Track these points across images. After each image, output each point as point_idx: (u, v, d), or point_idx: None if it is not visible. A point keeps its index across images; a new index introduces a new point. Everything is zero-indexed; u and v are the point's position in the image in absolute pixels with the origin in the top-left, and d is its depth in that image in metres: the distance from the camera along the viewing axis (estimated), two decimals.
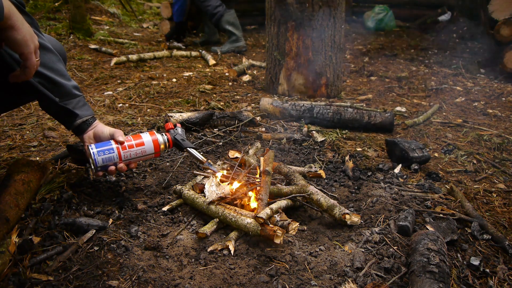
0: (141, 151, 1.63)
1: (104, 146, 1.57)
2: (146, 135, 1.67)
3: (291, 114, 2.80)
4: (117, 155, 1.58)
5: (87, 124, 1.64)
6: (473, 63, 4.91)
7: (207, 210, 1.56)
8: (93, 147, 1.55)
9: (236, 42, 5.48)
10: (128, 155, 1.60)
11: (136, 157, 1.63)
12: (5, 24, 1.17)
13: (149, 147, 1.65)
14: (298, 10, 3.24)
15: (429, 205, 1.74)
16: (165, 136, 1.71)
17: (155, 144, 1.66)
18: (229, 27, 5.39)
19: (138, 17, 8.36)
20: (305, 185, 1.65)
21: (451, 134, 2.73)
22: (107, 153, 1.55)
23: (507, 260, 1.44)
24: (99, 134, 1.63)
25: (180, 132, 1.76)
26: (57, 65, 1.58)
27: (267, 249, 1.38)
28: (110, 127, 1.65)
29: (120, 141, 1.59)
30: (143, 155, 1.65)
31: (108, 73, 4.01)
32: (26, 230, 1.41)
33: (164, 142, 1.69)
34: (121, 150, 1.58)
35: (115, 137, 1.59)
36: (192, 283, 1.22)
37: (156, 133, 1.68)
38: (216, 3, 5.37)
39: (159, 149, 1.68)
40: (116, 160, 1.58)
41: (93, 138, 1.65)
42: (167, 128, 1.79)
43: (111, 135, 1.61)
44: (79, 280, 1.22)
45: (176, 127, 1.77)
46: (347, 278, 1.26)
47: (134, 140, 1.63)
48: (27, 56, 1.26)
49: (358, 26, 7.81)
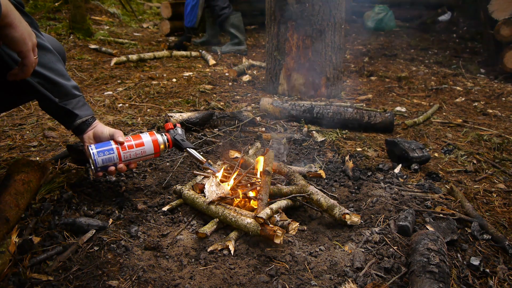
0: (141, 151, 1.63)
1: (104, 146, 1.57)
2: (146, 135, 1.66)
3: (291, 114, 2.80)
4: (117, 155, 1.58)
5: (87, 124, 1.64)
6: (473, 63, 4.91)
7: (207, 210, 1.56)
8: (93, 148, 1.55)
9: (238, 45, 5.44)
10: (128, 155, 1.60)
11: (136, 158, 1.63)
12: (3, 22, 1.17)
13: (149, 148, 1.65)
14: (298, 10, 3.24)
15: (429, 205, 1.74)
16: (165, 136, 1.71)
17: (155, 144, 1.66)
18: (233, 29, 5.35)
19: (138, 17, 8.36)
20: (305, 185, 1.65)
21: (451, 134, 2.73)
22: (107, 153, 1.55)
23: (507, 260, 1.44)
24: (98, 134, 1.63)
25: (180, 132, 1.76)
26: (57, 65, 1.58)
27: (267, 249, 1.38)
28: (110, 127, 1.65)
29: (120, 142, 1.59)
30: (143, 156, 1.65)
31: (108, 73, 4.01)
32: (26, 230, 1.41)
33: (164, 142, 1.70)
34: (121, 150, 1.58)
35: (115, 138, 1.59)
36: (192, 283, 1.22)
37: (155, 134, 1.68)
38: (223, 4, 5.32)
39: (159, 149, 1.68)
40: (116, 160, 1.58)
41: (93, 138, 1.65)
42: (166, 128, 1.79)
43: (111, 135, 1.61)
44: (79, 280, 1.22)
45: (176, 127, 1.78)
46: (347, 278, 1.26)
47: (134, 140, 1.63)
48: (25, 54, 1.26)
49: (358, 26, 7.81)
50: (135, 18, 8.19)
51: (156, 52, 4.98)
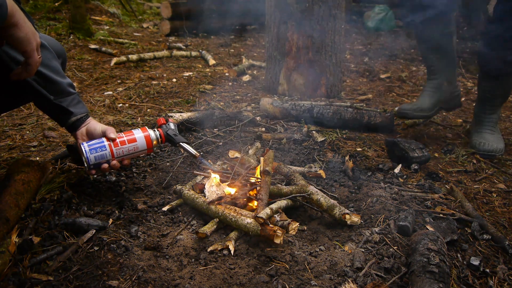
0: (134, 147, 1.63)
1: (96, 143, 1.56)
2: (138, 131, 1.66)
3: (291, 114, 2.80)
4: (110, 152, 1.57)
5: (81, 121, 1.65)
6: (473, 63, 4.91)
7: (207, 210, 1.56)
8: (85, 145, 1.55)
9: None
10: (121, 152, 1.60)
11: (128, 154, 1.63)
12: (9, 22, 1.17)
13: (141, 143, 1.64)
14: (298, 10, 3.24)
15: (429, 205, 1.74)
16: (157, 132, 1.70)
17: (147, 140, 1.65)
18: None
19: (138, 17, 8.36)
20: (305, 185, 1.65)
21: (451, 134, 2.73)
22: (99, 150, 1.55)
23: (507, 260, 1.44)
24: (91, 131, 1.64)
25: (173, 127, 1.75)
26: (52, 62, 1.58)
27: (267, 249, 1.38)
28: (103, 124, 1.65)
29: (111, 138, 1.58)
30: (135, 152, 1.64)
31: (108, 73, 4.01)
32: (26, 230, 1.41)
33: (157, 138, 1.69)
34: (113, 147, 1.58)
35: (107, 134, 1.59)
36: (192, 283, 1.22)
37: (148, 129, 1.68)
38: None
39: (152, 145, 1.67)
40: (108, 157, 1.57)
41: (85, 135, 1.65)
42: (159, 123, 1.77)
43: (103, 132, 1.61)
44: (79, 280, 1.22)
45: (168, 123, 1.76)
46: (347, 278, 1.26)
47: (126, 136, 1.62)
48: (29, 53, 1.27)
49: (358, 26, 7.80)
50: (135, 18, 8.20)
51: (156, 52, 4.98)
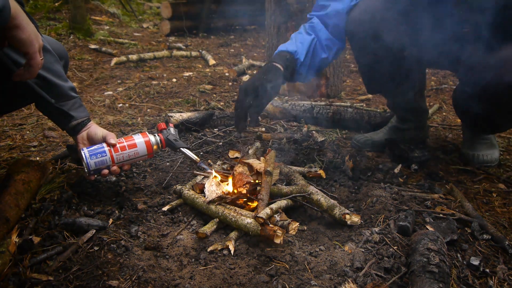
0: (134, 153, 1.63)
1: (97, 149, 1.57)
2: (138, 136, 1.66)
3: (291, 114, 2.80)
4: (110, 158, 1.57)
5: (82, 125, 1.65)
6: None
7: (207, 210, 1.56)
8: (85, 151, 1.55)
9: None
10: (121, 157, 1.60)
11: (129, 159, 1.63)
12: (11, 23, 1.18)
13: (141, 149, 1.64)
14: (298, 10, 3.24)
15: (429, 205, 1.74)
16: (158, 137, 1.70)
17: (147, 145, 1.66)
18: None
19: (138, 17, 8.36)
20: (305, 185, 1.65)
21: (451, 134, 2.73)
22: (99, 156, 1.55)
23: (507, 260, 1.44)
24: (92, 136, 1.64)
25: (173, 132, 1.75)
26: (55, 66, 1.58)
27: (267, 249, 1.38)
28: (103, 129, 1.66)
29: (112, 144, 1.59)
30: (136, 157, 1.65)
31: (108, 73, 4.01)
32: (26, 230, 1.41)
33: (157, 143, 1.69)
34: (113, 152, 1.58)
35: (107, 140, 1.59)
36: (192, 283, 1.22)
37: (148, 134, 1.68)
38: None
39: (152, 150, 1.67)
40: (109, 163, 1.58)
41: (86, 139, 1.65)
42: (159, 128, 1.78)
43: (103, 137, 1.62)
44: (79, 280, 1.22)
45: (169, 127, 1.77)
46: (347, 278, 1.26)
47: (126, 142, 1.63)
48: (31, 55, 1.27)
49: None
50: (135, 18, 8.20)
51: (156, 52, 4.98)
